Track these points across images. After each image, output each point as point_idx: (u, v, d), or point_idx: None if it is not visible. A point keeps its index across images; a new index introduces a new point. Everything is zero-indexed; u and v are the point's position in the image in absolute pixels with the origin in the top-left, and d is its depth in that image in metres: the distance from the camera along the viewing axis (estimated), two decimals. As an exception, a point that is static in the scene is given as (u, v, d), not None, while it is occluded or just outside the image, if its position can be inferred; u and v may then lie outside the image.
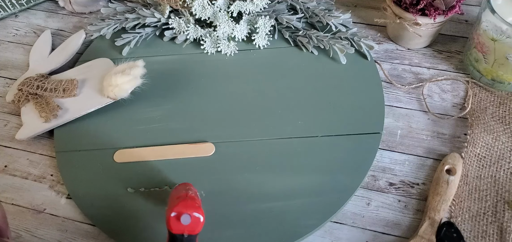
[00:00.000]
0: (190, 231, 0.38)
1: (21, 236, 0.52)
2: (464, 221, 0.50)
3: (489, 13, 0.56)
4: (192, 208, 0.38)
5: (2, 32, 0.76)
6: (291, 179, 0.53)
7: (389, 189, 0.53)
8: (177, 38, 0.69)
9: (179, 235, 0.38)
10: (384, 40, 0.70)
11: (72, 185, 0.55)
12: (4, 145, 0.60)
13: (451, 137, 0.58)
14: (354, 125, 0.58)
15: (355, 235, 0.50)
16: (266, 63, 0.66)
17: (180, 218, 0.37)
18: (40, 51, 0.69)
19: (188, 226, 0.38)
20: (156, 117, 0.60)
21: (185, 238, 0.38)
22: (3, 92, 0.67)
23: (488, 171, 0.53)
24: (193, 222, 0.38)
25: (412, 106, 0.61)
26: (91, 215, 0.52)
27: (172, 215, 0.38)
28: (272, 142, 0.57)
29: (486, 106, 0.59)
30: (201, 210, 0.39)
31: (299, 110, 0.60)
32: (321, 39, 0.66)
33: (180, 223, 0.38)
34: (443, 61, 0.66)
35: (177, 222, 0.38)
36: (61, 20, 0.77)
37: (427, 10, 0.61)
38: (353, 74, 0.64)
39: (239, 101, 0.61)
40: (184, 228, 0.38)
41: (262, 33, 0.67)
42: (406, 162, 0.56)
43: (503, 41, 0.56)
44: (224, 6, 0.68)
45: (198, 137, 0.58)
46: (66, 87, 0.61)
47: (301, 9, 0.70)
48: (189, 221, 0.38)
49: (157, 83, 0.63)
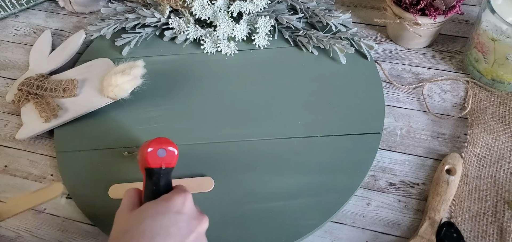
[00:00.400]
0: (167, 164, 0.41)
1: (21, 236, 0.52)
2: (464, 221, 0.50)
3: (489, 13, 0.56)
4: (166, 143, 0.41)
5: (2, 32, 0.76)
6: (291, 179, 0.53)
7: (389, 189, 0.53)
8: (177, 38, 0.69)
9: (157, 169, 0.40)
10: (384, 40, 0.70)
11: (72, 185, 0.55)
12: (4, 145, 0.60)
13: (451, 137, 0.58)
14: (354, 125, 0.58)
15: (355, 235, 0.50)
16: (266, 63, 0.66)
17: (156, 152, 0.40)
18: (40, 51, 0.69)
19: (165, 158, 0.40)
20: (156, 117, 0.60)
21: (162, 170, 0.40)
22: (3, 92, 0.67)
23: (488, 171, 0.53)
24: (168, 155, 0.41)
25: (412, 106, 0.61)
26: (91, 215, 0.52)
27: (149, 150, 0.40)
28: (272, 142, 0.57)
29: (486, 106, 0.60)
30: (174, 144, 0.41)
31: (299, 110, 0.60)
32: (321, 39, 0.66)
33: (157, 157, 0.40)
34: (443, 61, 0.66)
35: (155, 156, 0.40)
36: (61, 20, 0.77)
37: (427, 10, 0.61)
38: (353, 74, 0.64)
39: (239, 101, 0.61)
40: (161, 161, 0.40)
41: (262, 33, 0.67)
42: (406, 162, 0.56)
43: (503, 41, 0.56)
44: (224, 6, 0.68)
45: (198, 137, 0.58)
46: (66, 87, 0.61)
47: (301, 9, 0.70)
48: (165, 154, 0.40)
49: (157, 83, 0.63)
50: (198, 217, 0.40)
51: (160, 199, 0.40)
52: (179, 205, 0.39)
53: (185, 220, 0.39)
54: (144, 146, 0.42)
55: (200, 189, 0.52)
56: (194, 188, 0.53)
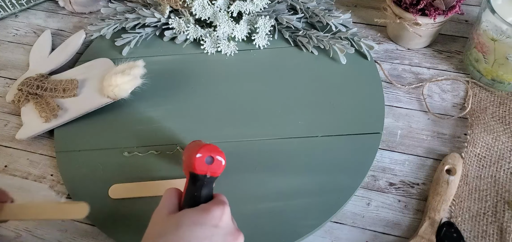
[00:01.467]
0: (212, 172, 0.41)
1: (21, 236, 0.52)
2: (464, 221, 0.50)
3: (489, 13, 0.56)
4: (215, 151, 0.41)
5: (2, 32, 0.76)
6: (291, 179, 0.53)
7: (389, 189, 0.53)
8: (177, 38, 0.69)
9: (202, 176, 0.40)
10: (384, 40, 0.70)
11: (72, 185, 0.55)
12: (4, 145, 0.60)
13: (451, 137, 0.58)
14: (354, 125, 0.58)
15: (355, 235, 0.50)
16: (266, 63, 0.66)
17: (204, 159, 0.40)
18: (40, 51, 0.69)
19: (211, 167, 0.40)
20: (156, 117, 0.60)
21: (207, 178, 0.40)
22: (3, 92, 0.67)
23: (488, 171, 0.53)
24: (215, 164, 0.40)
25: (412, 106, 0.61)
26: (91, 215, 0.52)
27: (198, 156, 0.40)
28: (272, 142, 0.57)
29: (486, 106, 0.59)
30: (223, 154, 0.41)
31: (299, 110, 0.60)
32: (321, 39, 0.66)
33: (204, 164, 0.40)
34: (443, 61, 0.66)
35: (202, 163, 0.40)
36: (61, 20, 0.77)
37: (427, 10, 0.61)
38: (353, 74, 0.64)
39: (239, 101, 0.61)
40: (208, 169, 0.40)
41: (262, 33, 0.67)
42: (406, 162, 0.56)
43: (503, 41, 0.56)
44: (224, 6, 0.68)
45: (198, 137, 0.57)
46: (66, 87, 0.61)
47: (301, 9, 0.70)
48: (213, 163, 0.40)
49: (157, 83, 0.63)
50: (234, 233, 0.40)
51: (199, 208, 0.39)
52: (216, 218, 0.39)
53: (220, 234, 0.38)
54: (192, 148, 0.42)
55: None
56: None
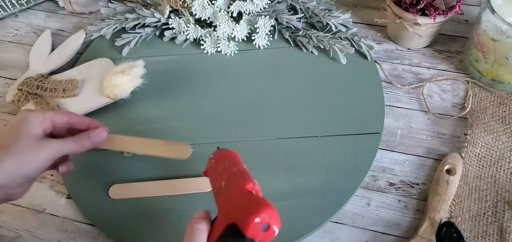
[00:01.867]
0: (262, 239, 0.34)
1: (21, 236, 0.52)
2: (464, 221, 0.50)
3: (489, 13, 0.56)
4: (273, 218, 0.34)
5: (2, 32, 0.76)
6: (291, 179, 0.53)
7: (389, 189, 0.53)
8: (177, 38, 0.69)
9: (250, 240, 0.34)
10: (384, 40, 0.70)
11: (72, 185, 0.55)
12: (4, 145, 0.60)
13: (451, 137, 0.58)
14: (354, 125, 0.58)
15: (355, 235, 0.50)
16: (266, 63, 0.66)
17: (261, 225, 0.34)
18: (40, 51, 0.69)
19: (264, 234, 0.34)
20: (156, 117, 0.60)
21: None
22: (3, 92, 0.67)
23: (488, 171, 0.53)
24: (269, 233, 0.34)
25: (412, 106, 0.61)
26: (91, 215, 0.52)
27: (256, 221, 0.33)
28: (272, 142, 0.57)
29: (486, 106, 0.59)
30: (279, 222, 0.34)
31: (299, 110, 0.60)
32: (321, 39, 0.66)
33: (259, 230, 0.34)
34: (443, 61, 0.66)
35: (257, 228, 0.34)
36: (61, 20, 0.77)
37: (427, 10, 0.61)
38: (353, 74, 0.64)
39: (239, 101, 0.61)
40: (259, 236, 0.34)
41: (262, 33, 0.67)
42: (406, 162, 0.56)
43: (503, 41, 0.56)
44: (224, 6, 0.68)
45: (198, 137, 0.58)
46: (66, 87, 0.61)
47: (301, 9, 0.70)
48: (267, 230, 0.34)
49: (157, 83, 0.63)
50: None
51: None
52: None
53: None
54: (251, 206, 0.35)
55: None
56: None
